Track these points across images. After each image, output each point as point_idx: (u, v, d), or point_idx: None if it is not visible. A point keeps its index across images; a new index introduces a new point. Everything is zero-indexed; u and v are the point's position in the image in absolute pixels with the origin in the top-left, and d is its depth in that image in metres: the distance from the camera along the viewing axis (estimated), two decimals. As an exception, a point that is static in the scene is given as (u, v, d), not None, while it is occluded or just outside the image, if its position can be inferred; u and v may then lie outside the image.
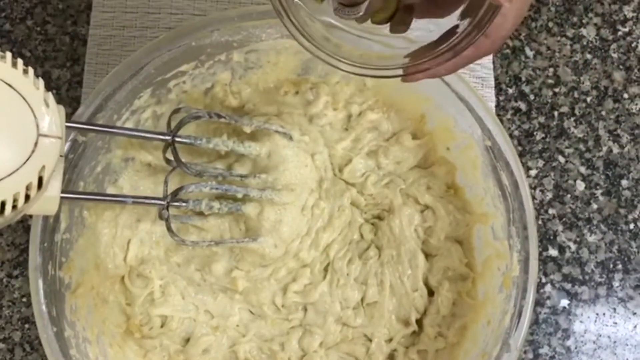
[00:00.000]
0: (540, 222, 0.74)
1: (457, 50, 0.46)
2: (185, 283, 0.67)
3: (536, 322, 0.72)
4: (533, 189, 0.75)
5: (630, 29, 0.79)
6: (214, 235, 0.65)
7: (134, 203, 0.59)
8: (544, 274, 0.73)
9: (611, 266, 0.73)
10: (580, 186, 0.75)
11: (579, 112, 0.77)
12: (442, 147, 0.68)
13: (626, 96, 0.78)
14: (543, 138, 0.76)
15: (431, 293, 0.68)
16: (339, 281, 0.67)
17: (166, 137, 0.58)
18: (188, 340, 0.67)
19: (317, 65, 0.67)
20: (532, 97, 0.77)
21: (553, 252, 0.74)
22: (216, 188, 0.61)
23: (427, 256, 0.68)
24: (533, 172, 0.75)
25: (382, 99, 0.69)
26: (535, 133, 0.76)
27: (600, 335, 0.72)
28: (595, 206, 0.75)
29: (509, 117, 0.76)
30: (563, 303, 0.72)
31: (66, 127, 0.49)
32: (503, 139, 0.63)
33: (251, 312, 0.68)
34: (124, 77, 0.61)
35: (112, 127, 0.60)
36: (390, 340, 0.67)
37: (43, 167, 0.45)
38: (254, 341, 0.67)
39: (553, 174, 0.75)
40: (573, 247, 0.74)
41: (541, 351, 0.71)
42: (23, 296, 0.70)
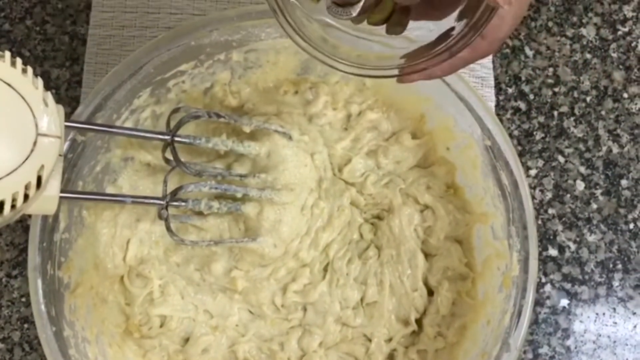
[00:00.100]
0: (540, 222, 0.74)
1: (453, 51, 0.46)
2: (184, 283, 0.66)
3: (536, 322, 0.72)
4: (533, 189, 0.75)
5: (630, 29, 0.79)
6: (214, 235, 0.65)
7: (133, 203, 0.59)
8: (544, 274, 0.73)
9: (611, 266, 0.73)
10: (580, 186, 0.75)
11: (579, 112, 0.77)
12: (442, 147, 0.68)
13: (626, 96, 0.78)
14: (543, 138, 0.76)
15: (431, 293, 0.68)
16: (339, 281, 0.67)
17: (165, 137, 0.58)
18: (187, 340, 0.67)
19: (317, 64, 0.66)
20: (532, 97, 0.77)
21: (553, 252, 0.73)
22: (215, 188, 0.61)
23: (427, 256, 0.68)
24: (533, 172, 0.75)
25: (382, 99, 0.69)
26: (535, 133, 0.76)
27: (600, 335, 0.72)
28: (595, 206, 0.75)
29: (509, 117, 0.76)
30: (563, 303, 0.72)
31: (65, 127, 0.49)
32: (503, 139, 0.63)
33: (250, 312, 0.68)
34: (123, 77, 0.61)
35: (111, 127, 0.60)
36: (389, 340, 0.67)
37: (42, 167, 0.45)
38: (254, 341, 0.67)
39: (553, 174, 0.75)
40: (573, 247, 0.74)
41: (541, 351, 0.71)
42: (22, 296, 0.70)
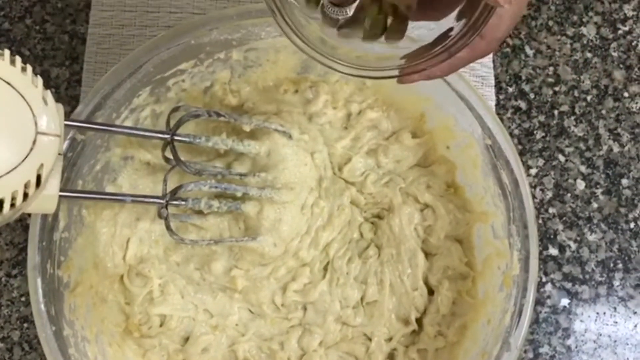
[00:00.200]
0: (540, 221, 0.74)
1: (452, 51, 0.46)
2: (184, 282, 0.66)
3: (536, 321, 0.72)
4: (533, 188, 0.75)
5: (630, 28, 0.79)
6: (213, 234, 0.65)
7: (133, 202, 0.58)
8: (544, 273, 0.73)
9: (611, 265, 0.73)
10: (580, 185, 0.75)
11: (579, 111, 0.77)
12: (442, 146, 0.68)
13: (626, 95, 0.78)
14: (543, 137, 0.76)
15: (431, 292, 0.68)
16: (339, 280, 0.67)
17: (165, 136, 0.58)
18: (187, 339, 0.67)
19: (317, 63, 0.66)
20: (532, 96, 0.77)
21: (553, 251, 0.73)
22: (215, 187, 0.61)
23: (427, 255, 0.68)
24: (533, 171, 0.75)
25: (382, 98, 0.69)
26: (535, 132, 0.76)
27: (600, 334, 0.72)
28: (595, 205, 0.75)
29: (509, 116, 0.76)
30: (563, 302, 0.72)
31: (65, 125, 0.49)
32: (503, 138, 0.62)
33: (250, 311, 0.68)
34: (123, 76, 0.61)
35: (111, 126, 0.60)
36: (390, 339, 0.67)
37: (41, 165, 0.45)
38: (254, 340, 0.67)
39: (553, 173, 0.75)
40: (573, 246, 0.74)
41: (541, 350, 0.71)
42: (22, 295, 0.70)
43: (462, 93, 0.63)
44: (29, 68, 0.46)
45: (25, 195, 0.45)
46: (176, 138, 0.58)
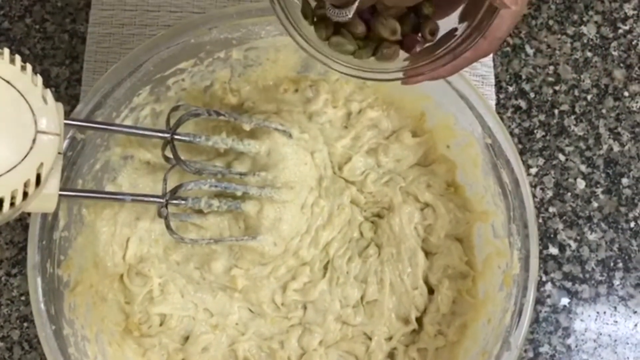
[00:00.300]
0: (540, 221, 0.74)
1: (457, 52, 0.46)
2: (184, 281, 0.66)
3: (536, 321, 0.71)
4: (533, 187, 0.75)
5: (630, 27, 0.79)
6: (213, 233, 0.65)
7: (133, 201, 0.58)
8: (545, 273, 0.73)
9: (612, 264, 0.73)
10: (580, 184, 0.75)
11: (580, 110, 0.77)
12: (442, 145, 0.68)
13: (627, 94, 0.78)
14: (543, 136, 0.76)
15: (431, 291, 0.68)
16: (339, 279, 0.67)
17: (165, 135, 0.58)
18: (187, 338, 0.67)
19: (317, 62, 0.66)
20: (533, 95, 0.77)
21: (553, 251, 0.73)
22: (215, 186, 0.61)
23: (427, 254, 0.68)
24: (533, 171, 0.75)
25: (382, 97, 0.69)
26: (535, 131, 0.76)
27: (600, 333, 0.72)
28: (595, 204, 0.75)
29: (509, 115, 0.76)
30: (563, 301, 0.72)
31: (65, 124, 0.49)
32: (503, 137, 0.62)
33: (250, 311, 0.68)
34: (123, 75, 0.61)
35: (111, 125, 0.60)
36: (390, 338, 0.67)
37: (41, 164, 0.45)
38: (254, 340, 0.67)
39: (553, 172, 0.75)
40: (573, 246, 0.74)
41: (541, 350, 0.71)
42: (22, 294, 0.70)
43: (463, 92, 0.63)
44: (29, 67, 0.46)
45: (25, 194, 0.45)
46: (176, 137, 0.58)
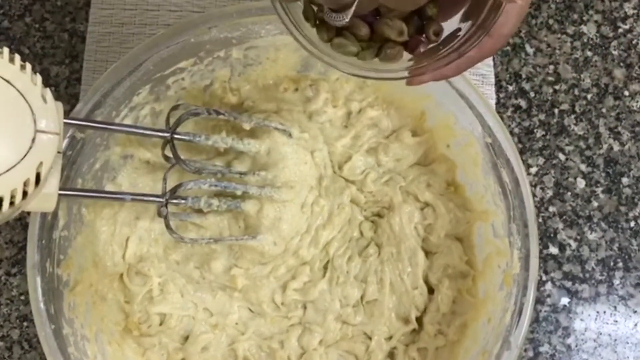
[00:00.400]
0: (540, 220, 0.74)
1: (462, 51, 0.46)
2: (184, 281, 0.66)
3: (536, 320, 0.71)
4: (533, 187, 0.74)
5: (630, 26, 0.79)
6: (213, 232, 0.65)
7: (133, 200, 0.58)
8: (545, 272, 0.73)
9: (612, 264, 0.73)
10: (580, 184, 0.75)
11: (580, 110, 0.77)
12: (443, 145, 0.68)
13: (627, 93, 0.77)
14: (543, 135, 0.76)
15: (431, 291, 0.68)
16: (339, 279, 0.67)
17: (165, 134, 0.58)
18: (187, 338, 0.67)
19: (317, 62, 0.66)
20: (533, 95, 0.77)
21: (553, 250, 0.73)
22: (215, 185, 0.61)
23: (427, 254, 0.68)
24: (533, 170, 0.75)
25: (382, 96, 0.68)
26: (535, 130, 0.76)
27: (600, 333, 0.72)
28: (595, 204, 0.75)
29: (509, 115, 0.76)
30: (563, 301, 0.72)
31: (64, 124, 0.49)
32: (504, 136, 0.62)
33: (250, 310, 0.68)
34: (123, 74, 0.60)
35: (111, 124, 0.60)
36: (390, 338, 0.67)
37: (41, 164, 0.45)
38: (253, 339, 0.67)
39: (553, 172, 0.75)
40: (573, 245, 0.73)
41: (541, 349, 0.71)
42: (21, 294, 0.70)
43: (463, 91, 0.63)
44: (28, 66, 0.46)
45: (24, 193, 0.45)
46: (176, 136, 0.58)
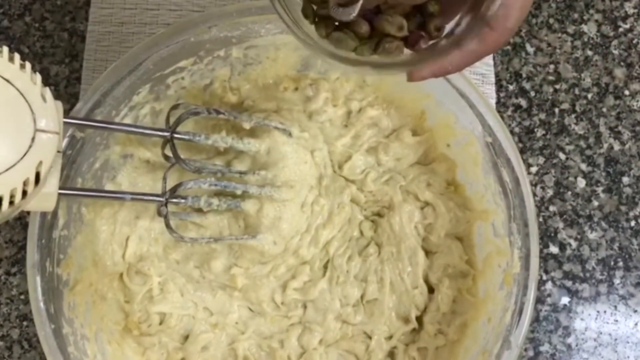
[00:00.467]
0: (540, 220, 0.74)
1: (462, 43, 0.45)
2: (184, 280, 0.66)
3: (537, 320, 0.71)
4: (534, 186, 0.74)
5: (631, 26, 0.79)
6: (213, 232, 0.64)
7: (133, 199, 0.58)
8: (545, 272, 0.72)
9: (612, 263, 0.73)
10: (581, 183, 0.75)
11: (580, 109, 0.77)
12: (443, 144, 0.68)
13: (627, 93, 0.77)
14: (544, 135, 0.76)
15: (431, 290, 0.68)
16: (339, 278, 0.67)
17: (165, 134, 0.58)
18: (187, 337, 0.67)
19: (317, 61, 0.66)
20: (533, 94, 0.77)
21: (554, 250, 0.73)
22: (215, 184, 0.61)
23: (427, 253, 0.68)
24: (534, 169, 0.75)
25: (382, 96, 0.68)
26: (535, 130, 0.76)
27: (601, 333, 0.71)
28: (596, 203, 0.74)
29: (510, 114, 0.76)
30: (564, 300, 0.72)
31: (64, 123, 0.49)
32: (504, 135, 0.62)
33: (250, 310, 0.68)
34: (123, 73, 0.60)
35: (111, 123, 0.60)
36: (390, 337, 0.67)
37: (40, 163, 0.45)
38: (253, 338, 0.67)
39: (554, 171, 0.75)
40: (574, 245, 0.73)
41: (542, 349, 0.71)
42: (21, 293, 0.70)
43: (463, 90, 0.63)
44: (28, 65, 0.46)
45: (24, 192, 0.44)
46: (176, 136, 0.58)
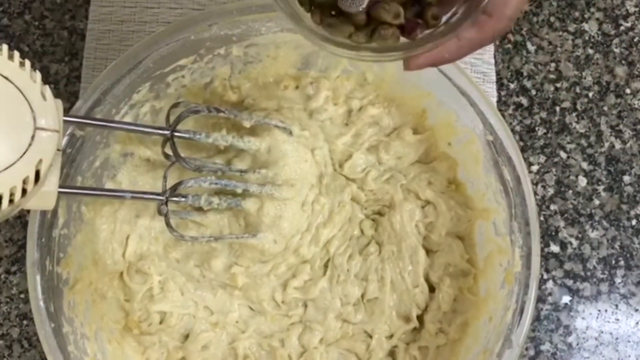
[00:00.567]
0: (541, 218, 0.73)
1: (458, 30, 0.45)
2: (184, 279, 0.66)
3: (538, 319, 0.71)
4: (535, 185, 0.74)
5: (632, 24, 0.79)
6: (213, 230, 0.64)
7: (133, 198, 0.58)
8: (546, 270, 0.72)
9: (613, 262, 0.73)
10: (582, 182, 0.75)
11: (581, 108, 0.77)
12: (444, 142, 0.68)
13: (628, 91, 0.77)
14: (545, 133, 0.76)
15: (432, 289, 0.68)
16: (339, 277, 0.67)
17: (165, 132, 0.58)
18: (187, 336, 0.67)
19: (318, 59, 0.66)
20: (534, 92, 0.77)
21: (555, 248, 0.73)
22: (215, 183, 0.61)
23: (428, 252, 0.68)
24: (535, 168, 0.75)
25: (383, 94, 0.68)
26: (536, 128, 0.76)
27: (602, 332, 0.71)
28: (597, 202, 0.74)
29: (511, 113, 0.76)
30: (565, 299, 0.72)
31: (64, 121, 0.49)
32: (505, 134, 0.62)
33: (251, 308, 0.68)
34: (123, 71, 0.60)
35: (111, 122, 0.60)
36: (390, 336, 0.67)
37: (40, 161, 0.45)
38: (254, 337, 0.67)
39: (555, 170, 0.75)
40: (575, 243, 0.73)
41: (543, 348, 0.71)
42: (21, 292, 0.70)
43: (464, 89, 0.62)
44: (28, 63, 0.46)
45: (24, 191, 0.44)
46: (176, 134, 0.58)
